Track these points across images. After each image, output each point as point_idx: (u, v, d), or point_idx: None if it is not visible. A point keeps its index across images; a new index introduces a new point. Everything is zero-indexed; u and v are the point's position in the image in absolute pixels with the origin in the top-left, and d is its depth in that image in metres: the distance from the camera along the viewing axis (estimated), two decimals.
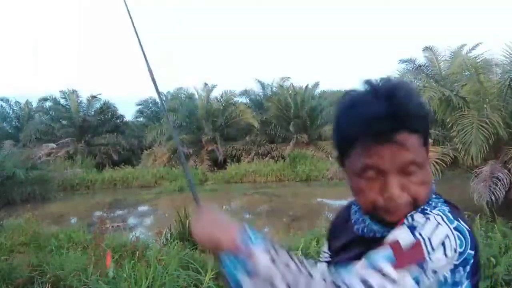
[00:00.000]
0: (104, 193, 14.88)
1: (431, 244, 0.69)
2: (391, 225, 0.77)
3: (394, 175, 0.75)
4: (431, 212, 0.76)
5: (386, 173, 0.75)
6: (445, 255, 0.69)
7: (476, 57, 8.02)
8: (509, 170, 6.25)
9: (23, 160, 7.88)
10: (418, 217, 0.75)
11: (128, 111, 23.12)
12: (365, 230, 0.85)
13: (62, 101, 20.72)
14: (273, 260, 0.66)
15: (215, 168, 17.34)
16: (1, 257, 5.22)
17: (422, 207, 0.78)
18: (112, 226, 7.86)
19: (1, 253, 5.54)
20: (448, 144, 7.37)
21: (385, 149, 0.73)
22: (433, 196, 0.82)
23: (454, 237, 0.71)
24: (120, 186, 15.89)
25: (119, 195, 14.47)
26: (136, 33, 0.91)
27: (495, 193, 5.84)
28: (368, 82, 0.78)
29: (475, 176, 6.33)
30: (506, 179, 6.02)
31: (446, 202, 0.82)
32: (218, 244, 0.69)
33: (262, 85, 21.20)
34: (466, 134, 6.57)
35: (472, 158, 6.55)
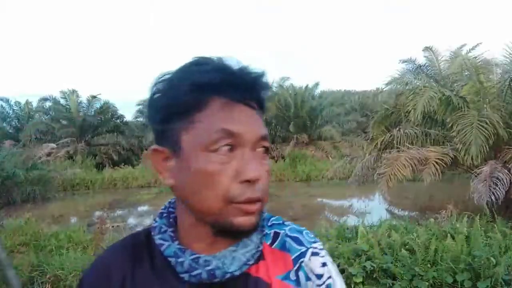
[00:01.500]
0: (104, 193, 14.88)
1: None
2: (243, 236, 0.61)
3: (250, 149, 0.58)
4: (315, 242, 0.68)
5: (243, 145, 0.58)
6: None
7: (476, 57, 8.02)
8: (509, 170, 6.25)
9: (23, 160, 7.89)
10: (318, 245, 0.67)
11: (128, 111, 23.13)
12: (216, 272, 0.60)
13: (62, 101, 20.74)
14: None
15: None
16: None
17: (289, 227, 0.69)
18: (112, 226, 7.86)
19: None
20: (448, 144, 7.36)
21: (244, 112, 0.58)
22: None
23: None
24: (120, 186, 15.89)
25: (119, 195, 14.47)
26: None
27: (495, 193, 5.83)
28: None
29: (475, 176, 6.32)
30: (506, 179, 6.01)
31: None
32: None
33: None
34: (466, 134, 6.56)
35: (472, 158, 6.54)
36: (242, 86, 0.58)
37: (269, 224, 0.69)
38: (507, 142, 6.92)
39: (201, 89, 0.57)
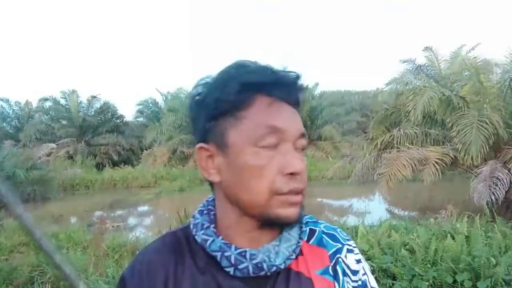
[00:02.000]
0: (104, 193, 14.88)
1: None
2: (286, 227, 0.64)
3: (292, 145, 0.62)
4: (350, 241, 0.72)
5: (286, 141, 0.61)
6: None
7: (476, 57, 8.02)
8: (509, 170, 6.25)
9: (23, 160, 7.89)
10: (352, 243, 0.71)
11: (128, 111, 23.12)
12: (263, 265, 0.62)
13: (62, 101, 20.76)
14: None
15: None
16: (1, 257, 5.23)
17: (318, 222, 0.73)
18: (112, 226, 7.86)
19: (1, 253, 5.54)
20: (448, 144, 7.36)
21: (288, 110, 0.62)
22: None
23: None
24: (120, 186, 15.89)
25: (119, 195, 14.47)
26: None
27: (495, 193, 5.83)
28: None
29: (475, 176, 6.32)
30: (506, 179, 6.01)
31: None
32: None
33: None
34: (466, 134, 6.56)
35: (472, 158, 6.54)
36: (285, 85, 0.63)
37: (304, 221, 0.71)
38: (507, 142, 6.92)
39: (249, 87, 0.61)
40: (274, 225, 0.63)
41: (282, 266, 0.63)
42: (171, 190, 14.16)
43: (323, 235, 0.70)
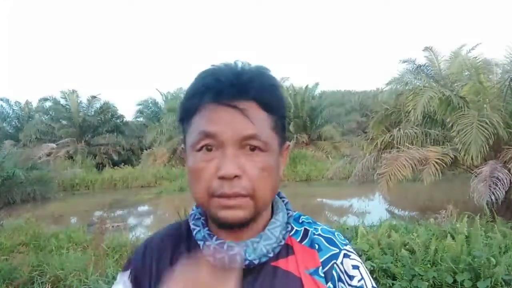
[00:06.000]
0: (104, 193, 14.88)
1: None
2: (228, 228, 0.65)
3: (232, 148, 0.62)
4: (351, 251, 0.72)
5: (224, 144, 0.62)
6: None
7: (476, 57, 8.01)
8: (509, 170, 6.24)
9: (23, 160, 7.89)
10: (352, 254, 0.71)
11: (128, 111, 23.10)
12: (236, 258, 0.64)
13: (62, 101, 20.76)
14: None
15: None
16: (1, 257, 5.22)
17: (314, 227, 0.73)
18: (112, 226, 7.86)
19: (1, 253, 5.54)
20: (448, 144, 7.36)
21: (226, 114, 0.62)
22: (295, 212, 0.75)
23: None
24: (120, 186, 15.89)
25: (119, 195, 14.47)
26: None
27: (495, 193, 5.82)
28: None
29: (475, 176, 6.32)
30: (506, 179, 6.00)
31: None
32: None
33: None
34: (466, 134, 6.56)
35: (472, 158, 6.54)
36: (226, 91, 0.63)
37: (300, 221, 0.74)
38: (507, 142, 6.91)
39: (195, 95, 0.65)
40: (227, 227, 0.65)
41: (256, 262, 0.65)
42: (171, 190, 14.16)
43: (320, 238, 0.71)
